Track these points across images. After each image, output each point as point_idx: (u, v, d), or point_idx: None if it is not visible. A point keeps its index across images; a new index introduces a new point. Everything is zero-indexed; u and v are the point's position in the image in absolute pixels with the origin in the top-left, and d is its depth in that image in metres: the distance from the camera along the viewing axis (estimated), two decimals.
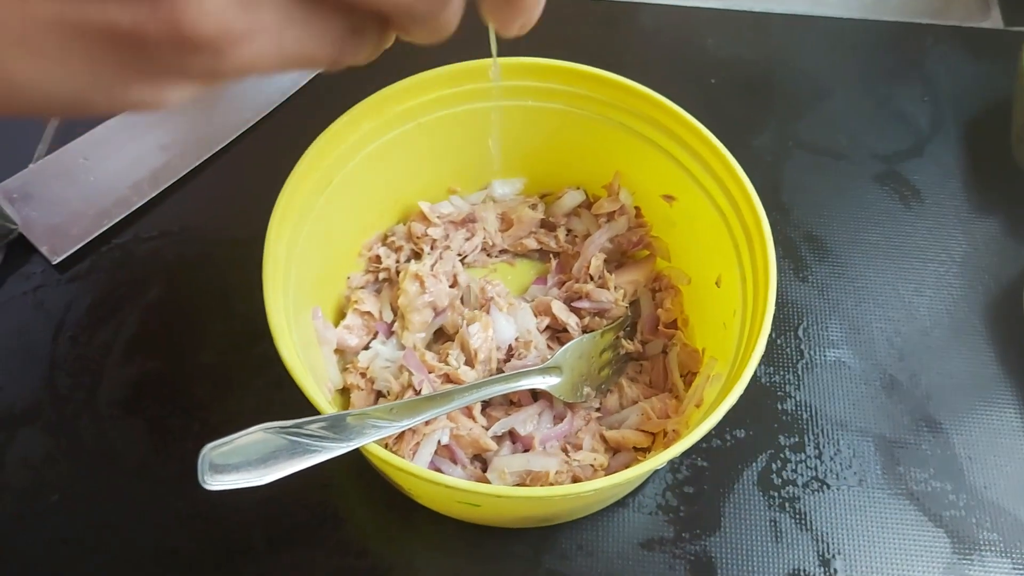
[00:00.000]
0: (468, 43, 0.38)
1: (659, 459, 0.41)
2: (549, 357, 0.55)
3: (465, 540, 0.52)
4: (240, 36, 0.22)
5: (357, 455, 0.41)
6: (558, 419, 0.53)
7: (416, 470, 0.40)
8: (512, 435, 0.52)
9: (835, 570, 0.52)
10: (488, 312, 0.55)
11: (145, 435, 0.56)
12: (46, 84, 0.22)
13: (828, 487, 0.55)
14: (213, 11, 0.21)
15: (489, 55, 0.43)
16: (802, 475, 0.55)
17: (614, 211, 0.60)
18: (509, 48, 0.47)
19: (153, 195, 0.66)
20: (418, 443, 0.49)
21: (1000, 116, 0.72)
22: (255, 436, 0.37)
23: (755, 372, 0.43)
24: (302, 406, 0.42)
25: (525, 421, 0.52)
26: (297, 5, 0.23)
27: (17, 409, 0.56)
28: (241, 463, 0.36)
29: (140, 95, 0.23)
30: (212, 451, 0.36)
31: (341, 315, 0.58)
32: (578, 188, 0.62)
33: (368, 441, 0.40)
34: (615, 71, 0.55)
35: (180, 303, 0.62)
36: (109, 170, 0.66)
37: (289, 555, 0.52)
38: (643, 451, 0.53)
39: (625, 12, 0.80)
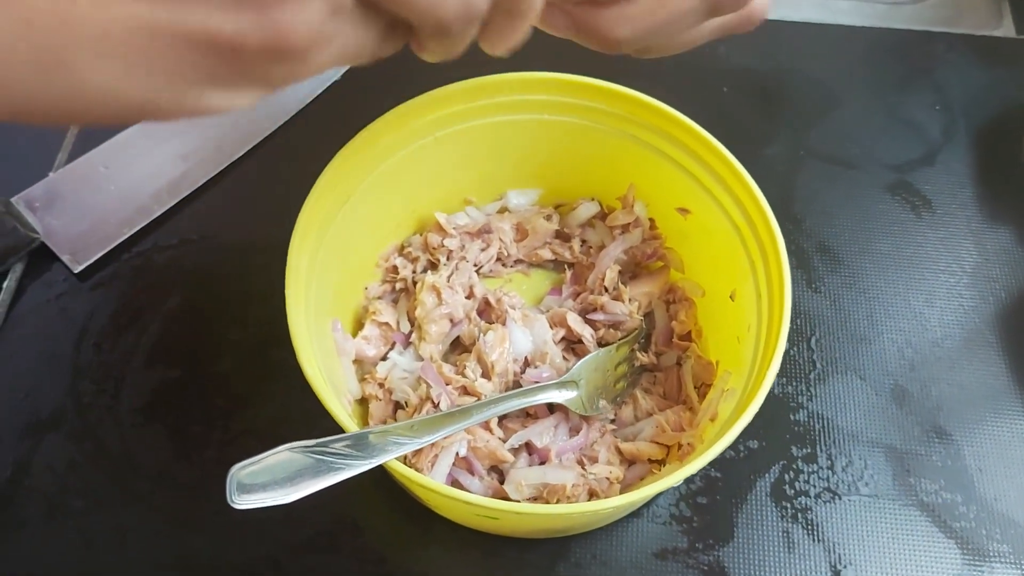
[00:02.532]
0: (480, 60, 0.39)
1: (677, 476, 0.41)
2: (564, 368, 0.55)
3: (481, 549, 0.53)
4: (326, 42, 0.23)
5: (377, 466, 0.42)
6: (574, 431, 0.54)
7: (437, 487, 0.41)
8: (529, 447, 0.53)
9: None
10: (504, 324, 0.56)
11: (166, 442, 0.57)
12: (118, 87, 0.22)
13: (840, 498, 0.56)
14: (311, 20, 0.22)
15: (500, 71, 0.43)
16: (814, 486, 0.56)
17: (628, 223, 0.61)
18: (523, 63, 0.48)
19: (172, 204, 0.66)
20: (436, 455, 0.50)
21: (1012, 125, 0.73)
22: (281, 456, 0.38)
23: (770, 386, 0.44)
24: (320, 415, 0.43)
25: (541, 433, 0.53)
26: (360, 10, 0.24)
27: (43, 415, 0.57)
28: (268, 482, 0.37)
29: (211, 101, 0.23)
30: (240, 471, 0.37)
31: (359, 325, 0.58)
32: (593, 199, 0.63)
33: (390, 458, 0.41)
34: (627, 79, 0.55)
35: (200, 310, 0.62)
36: (129, 179, 0.67)
37: (309, 562, 0.53)
38: (658, 463, 0.53)
39: None
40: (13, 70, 0.21)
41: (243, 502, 0.36)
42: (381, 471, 0.42)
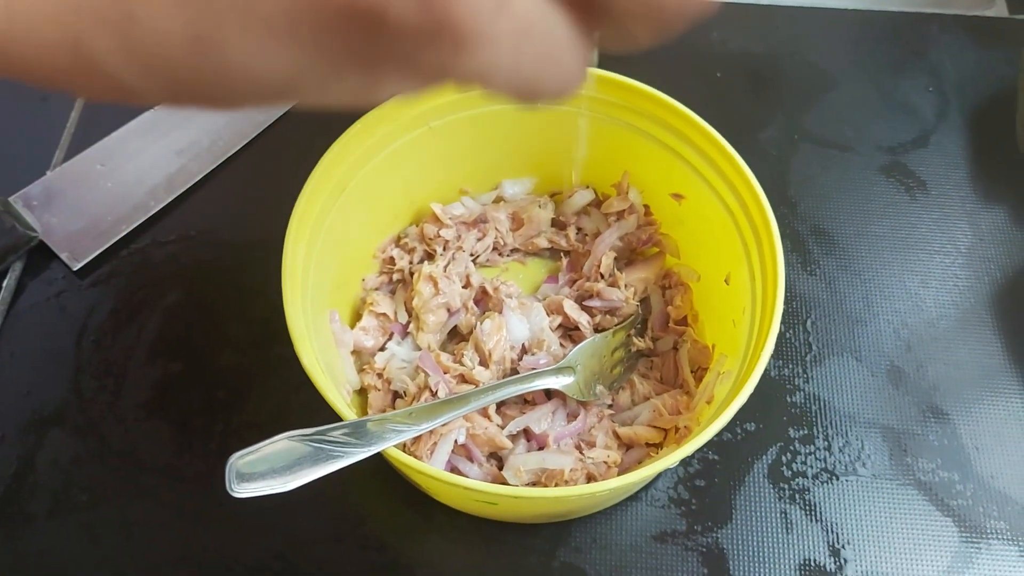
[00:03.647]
0: None
1: (672, 457, 0.42)
2: (561, 355, 0.56)
3: (482, 535, 0.54)
4: (488, 37, 0.20)
5: (377, 455, 0.42)
6: (571, 417, 0.54)
7: (435, 473, 0.42)
8: (527, 433, 0.53)
9: (845, 560, 0.53)
10: (501, 312, 0.56)
11: (169, 436, 0.57)
12: (259, 66, 0.20)
13: (837, 478, 0.56)
14: (475, 3, 0.19)
15: None
16: (812, 467, 0.56)
17: (623, 210, 0.61)
18: None
19: (170, 200, 0.67)
20: (435, 443, 0.50)
21: (1005, 105, 0.73)
22: (280, 444, 0.38)
23: (765, 366, 0.44)
24: (321, 406, 0.44)
25: (539, 419, 0.53)
26: (556, 17, 0.21)
27: (46, 412, 0.58)
28: (267, 471, 0.37)
29: (352, 89, 0.22)
30: (238, 460, 0.37)
31: (357, 316, 0.59)
32: (588, 187, 0.63)
33: (389, 445, 0.41)
34: (619, 65, 0.55)
35: (199, 306, 0.63)
36: (126, 176, 0.67)
37: (312, 552, 0.53)
38: (655, 447, 0.54)
39: None
40: (167, 44, 0.20)
41: (242, 491, 0.37)
42: (381, 460, 0.43)
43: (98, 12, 0.20)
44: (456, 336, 0.59)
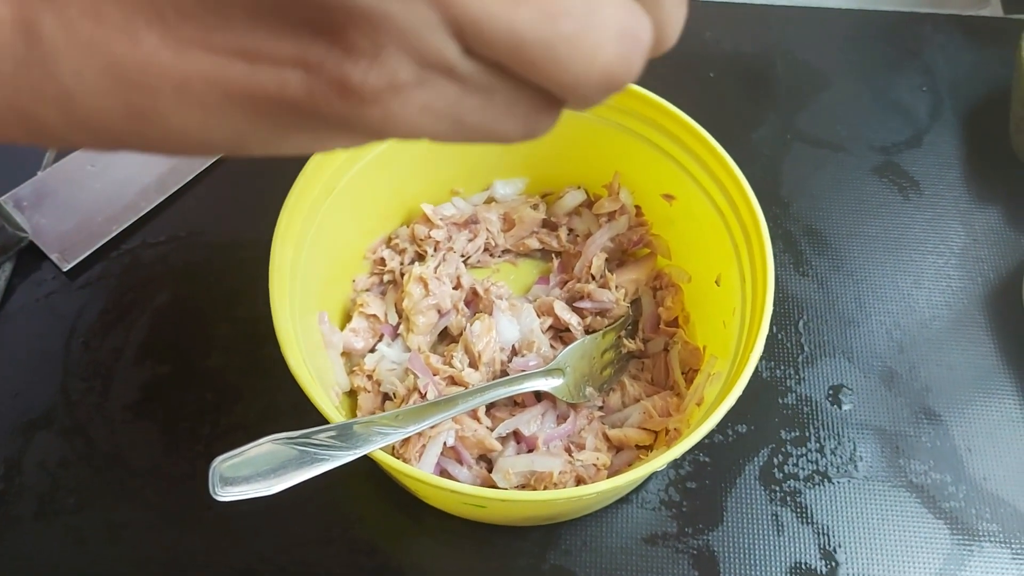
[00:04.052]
0: None
1: (660, 460, 0.42)
2: (552, 356, 0.55)
3: (472, 538, 0.54)
4: (410, 100, 0.20)
5: (365, 457, 0.42)
6: (561, 419, 0.54)
7: (422, 476, 0.41)
8: (516, 435, 0.53)
9: (837, 562, 0.53)
10: (491, 314, 0.56)
11: (156, 438, 0.57)
12: (201, 132, 0.21)
13: (829, 480, 0.56)
14: (387, 74, 0.19)
15: None
16: (803, 469, 0.56)
17: (615, 211, 0.61)
18: None
19: (160, 200, 0.66)
20: (424, 445, 0.50)
21: (999, 105, 0.73)
22: (264, 448, 0.38)
23: (756, 367, 0.44)
24: (309, 408, 0.43)
25: (529, 422, 0.53)
26: (481, 77, 0.20)
27: (34, 414, 0.57)
28: (251, 474, 0.37)
29: (298, 146, 0.22)
30: (222, 463, 0.37)
31: (347, 318, 0.59)
32: (579, 188, 0.63)
33: (375, 448, 0.41)
34: None
35: (188, 307, 0.63)
36: (116, 176, 0.67)
37: (301, 555, 0.53)
38: (645, 449, 0.54)
39: None
40: (107, 116, 0.21)
41: (226, 494, 0.36)
42: (371, 462, 0.43)
43: (37, 90, 0.20)
44: (446, 338, 0.59)
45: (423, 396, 0.52)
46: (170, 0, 0.19)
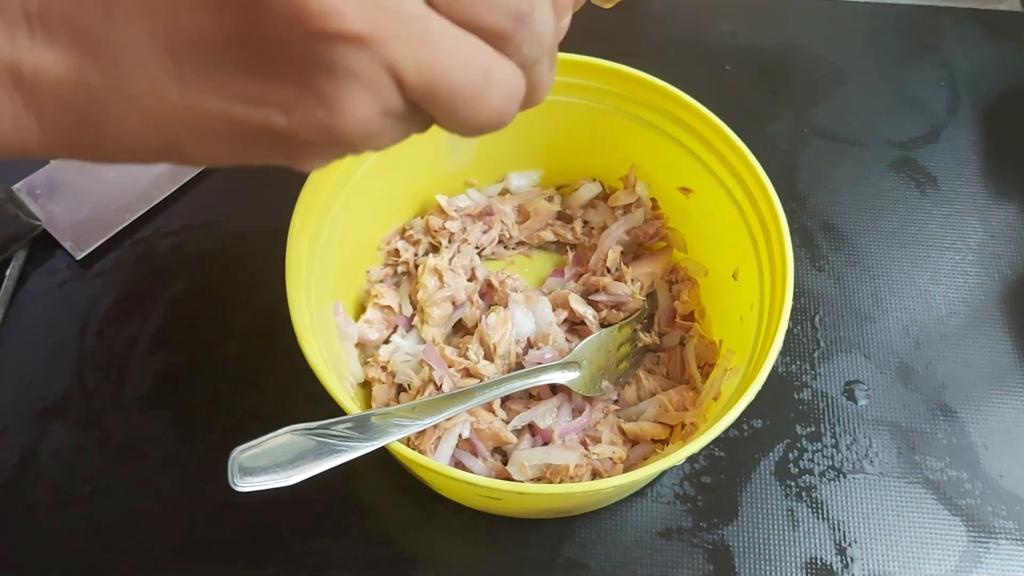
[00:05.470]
0: None
1: (679, 455, 0.41)
2: (567, 349, 0.55)
3: (486, 530, 0.53)
4: (374, 138, 0.26)
5: (380, 448, 0.42)
6: (577, 412, 0.54)
7: (439, 467, 0.41)
8: (532, 428, 0.53)
9: (851, 558, 0.53)
10: (506, 306, 0.56)
11: (171, 427, 0.57)
12: (208, 155, 0.27)
13: (844, 476, 0.56)
14: (360, 121, 0.25)
15: None
16: (819, 464, 0.56)
17: (630, 203, 0.60)
18: None
19: (173, 190, 0.66)
20: (439, 437, 0.50)
21: (1018, 100, 0.72)
22: (283, 438, 0.38)
23: (773, 363, 0.44)
24: (324, 399, 0.43)
25: (544, 415, 0.53)
26: (407, 111, 0.26)
27: (49, 402, 0.58)
28: (270, 465, 0.37)
29: (288, 163, 0.27)
30: (241, 454, 0.37)
31: (361, 309, 0.58)
32: (594, 180, 0.63)
33: (393, 439, 0.41)
34: (628, 58, 0.55)
35: (203, 296, 0.62)
36: (129, 165, 0.66)
37: (315, 544, 0.53)
38: (661, 443, 0.53)
39: None
40: (146, 156, 0.27)
41: (245, 485, 0.36)
42: (386, 454, 0.42)
43: (95, 130, 0.27)
44: (461, 330, 0.59)
45: (439, 388, 0.52)
46: (189, 63, 0.25)
